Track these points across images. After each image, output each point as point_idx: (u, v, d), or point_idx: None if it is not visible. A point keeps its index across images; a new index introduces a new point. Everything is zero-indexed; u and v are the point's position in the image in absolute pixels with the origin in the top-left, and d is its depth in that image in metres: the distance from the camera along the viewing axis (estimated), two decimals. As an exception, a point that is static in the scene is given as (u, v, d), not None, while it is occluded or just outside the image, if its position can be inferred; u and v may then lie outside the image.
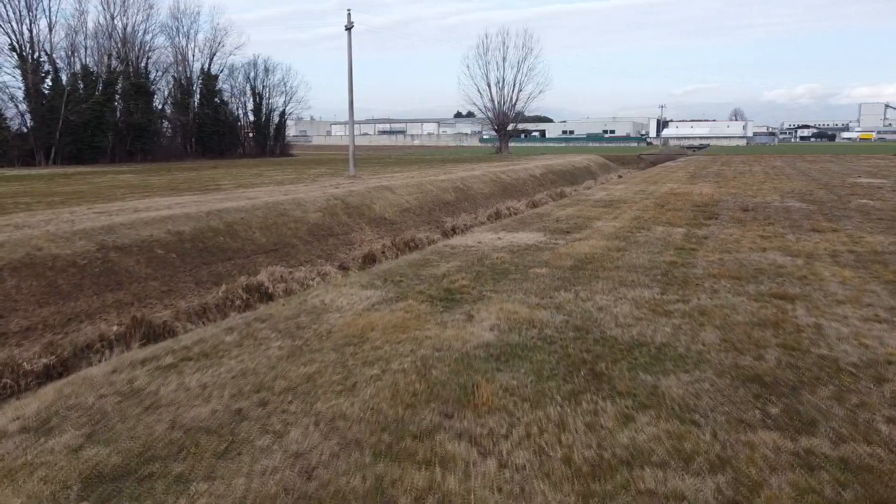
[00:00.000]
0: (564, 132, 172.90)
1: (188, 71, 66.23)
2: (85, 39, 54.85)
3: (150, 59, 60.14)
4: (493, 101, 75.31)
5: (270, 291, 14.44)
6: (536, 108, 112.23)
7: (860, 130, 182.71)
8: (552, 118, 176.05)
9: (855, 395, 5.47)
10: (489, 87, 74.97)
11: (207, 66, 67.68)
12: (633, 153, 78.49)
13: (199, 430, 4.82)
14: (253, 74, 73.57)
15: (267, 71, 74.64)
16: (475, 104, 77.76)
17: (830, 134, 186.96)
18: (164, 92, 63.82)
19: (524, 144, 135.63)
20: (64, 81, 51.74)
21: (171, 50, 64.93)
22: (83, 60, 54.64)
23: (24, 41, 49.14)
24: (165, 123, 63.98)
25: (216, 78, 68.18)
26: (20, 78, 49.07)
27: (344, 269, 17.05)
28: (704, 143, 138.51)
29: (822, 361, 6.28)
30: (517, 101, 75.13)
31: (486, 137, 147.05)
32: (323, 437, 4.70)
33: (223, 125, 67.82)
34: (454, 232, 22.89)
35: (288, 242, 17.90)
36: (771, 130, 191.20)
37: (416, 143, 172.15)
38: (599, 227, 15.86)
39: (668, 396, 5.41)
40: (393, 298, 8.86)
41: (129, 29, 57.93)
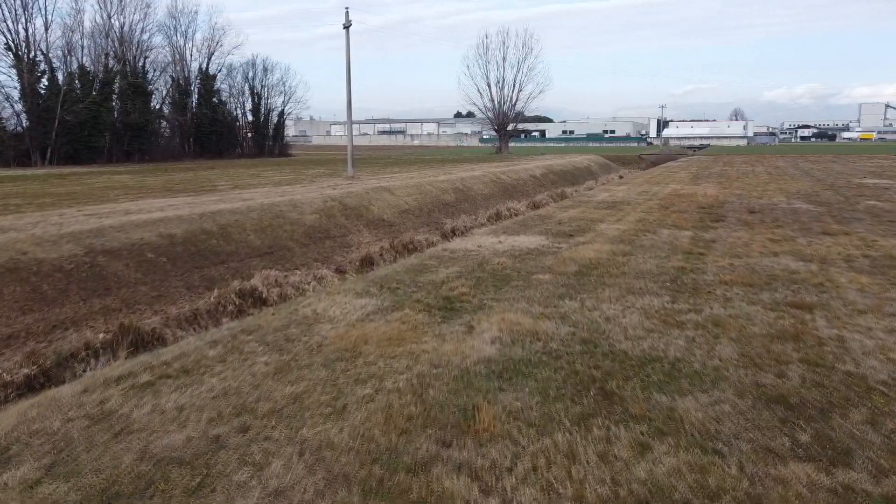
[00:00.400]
0: (564, 132, 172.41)
1: (186, 71, 65.76)
2: (81, 39, 54.39)
3: (147, 58, 59.69)
4: (493, 100, 74.91)
5: (264, 296, 13.99)
6: (536, 108, 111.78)
7: (860, 130, 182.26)
8: (552, 118, 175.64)
9: (890, 418, 5.01)
10: (489, 86, 74.58)
11: (205, 65, 67.25)
12: (633, 153, 78.01)
13: (171, 461, 4.37)
14: (251, 74, 73.17)
15: (265, 71, 74.26)
16: (475, 104, 77.37)
17: (831, 134, 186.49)
18: (161, 92, 63.37)
19: (524, 144, 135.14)
20: (60, 81, 51.26)
21: (168, 49, 64.50)
22: (80, 60, 54.18)
23: (19, 40, 48.68)
24: (164, 123, 63.49)
25: (214, 78, 67.68)
26: (16, 78, 48.60)
27: (341, 272, 16.60)
28: (705, 143, 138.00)
29: (849, 379, 5.83)
30: (517, 101, 74.74)
31: (486, 137, 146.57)
32: (308, 470, 4.25)
33: (221, 125, 67.31)
34: (454, 234, 22.44)
35: (283, 245, 17.42)
36: (771, 130, 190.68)
37: (415, 143, 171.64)
38: (603, 229, 15.40)
39: (686, 421, 4.96)
40: (389, 308, 8.40)
41: (126, 28, 57.49)
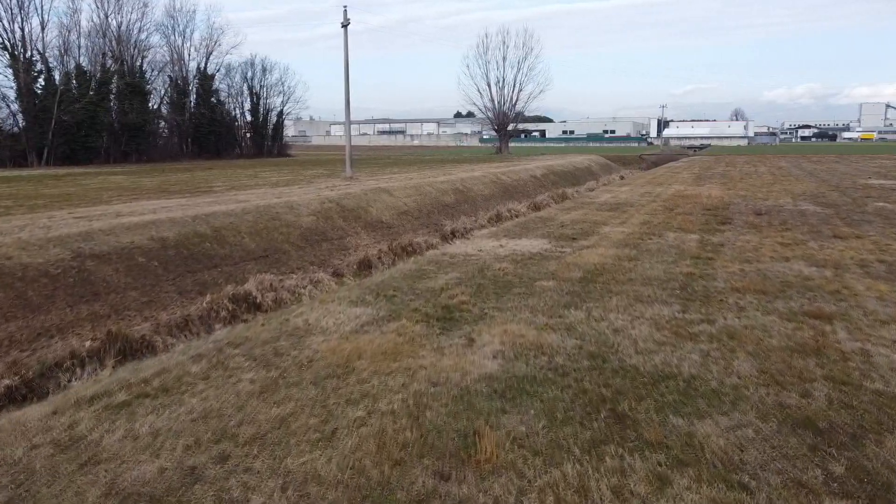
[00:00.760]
0: (564, 132, 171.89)
1: (184, 70, 65.27)
2: (78, 38, 53.93)
3: (145, 58, 59.23)
4: (493, 100, 74.35)
5: (259, 301, 13.56)
6: (537, 108, 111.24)
7: (861, 130, 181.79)
8: (552, 118, 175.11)
9: (929, 445, 4.60)
10: (489, 86, 74.02)
11: (203, 65, 66.76)
12: (634, 153, 77.54)
13: (140, 497, 3.95)
14: (250, 74, 72.61)
15: (264, 70, 73.67)
16: (475, 104, 76.79)
17: (831, 134, 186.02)
18: (159, 92, 62.92)
19: (524, 144, 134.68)
20: (57, 81, 50.82)
21: (166, 49, 64.03)
22: (77, 60, 53.75)
23: (15, 40, 48.24)
24: (162, 124, 63.05)
25: (212, 77, 67.16)
26: (12, 77, 48.18)
27: (338, 275, 16.17)
28: (705, 143, 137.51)
29: (879, 399, 5.41)
30: (517, 100, 74.13)
31: (485, 137, 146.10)
32: (290, 507, 3.84)
33: (220, 125, 66.81)
34: (453, 236, 22.02)
35: (279, 248, 16.98)
36: (772, 130, 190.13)
37: (415, 143, 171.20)
38: (607, 232, 14.97)
39: (707, 448, 4.54)
40: (385, 318, 7.97)
41: (123, 27, 57.02)
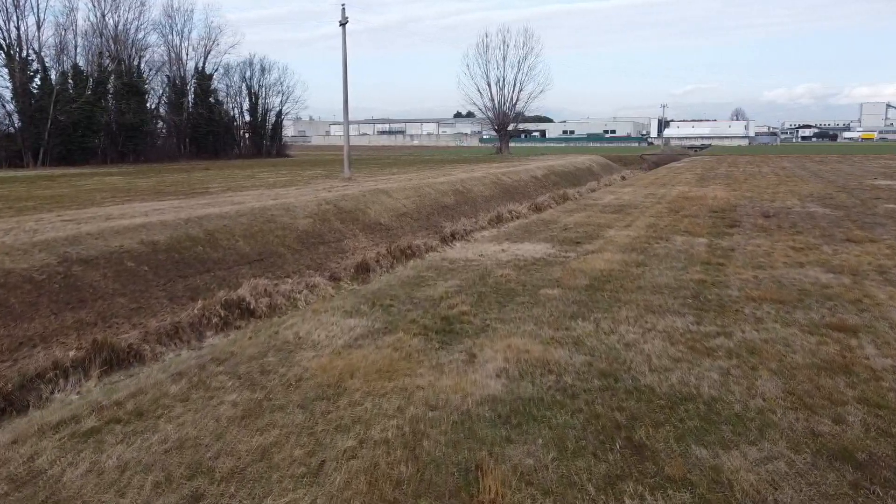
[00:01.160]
0: (565, 132, 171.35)
1: (182, 70, 64.75)
2: (75, 37, 53.45)
3: (142, 57, 58.73)
4: (493, 100, 73.76)
5: (252, 307, 13.09)
6: (537, 107, 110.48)
7: (861, 130, 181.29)
8: (552, 118, 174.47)
9: (983, 482, 4.12)
10: (489, 86, 73.45)
11: (202, 65, 66.26)
12: (634, 153, 77.04)
13: (97, 548, 3.48)
14: (249, 74, 72.07)
15: (263, 70, 73.14)
16: (475, 104, 76.20)
17: (832, 134, 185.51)
18: (157, 92, 62.42)
19: (524, 144, 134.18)
20: (53, 80, 50.32)
21: (164, 48, 63.53)
22: (73, 59, 53.25)
23: (11, 39, 47.75)
24: (160, 124, 62.56)
25: (211, 77, 66.63)
26: (7, 77, 47.70)
27: (335, 279, 15.71)
28: (706, 143, 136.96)
29: (920, 426, 4.93)
30: (517, 100, 73.55)
31: (486, 137, 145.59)
32: (268, 561, 3.36)
33: (218, 125, 66.27)
34: (453, 238, 21.54)
35: (274, 251, 16.49)
36: (772, 130, 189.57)
37: (415, 143, 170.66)
38: (612, 236, 14.49)
39: (737, 486, 4.06)
40: (380, 330, 7.49)
41: (120, 27, 56.52)
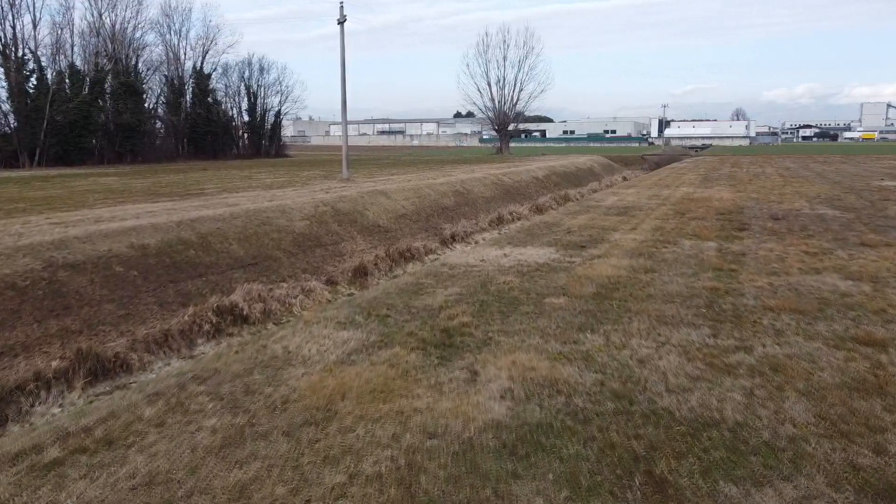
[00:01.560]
0: (565, 132, 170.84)
1: (180, 70, 64.27)
2: (71, 37, 52.97)
3: (139, 56, 58.25)
4: (493, 100, 73.17)
5: (245, 313, 12.64)
6: (538, 107, 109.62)
7: (862, 130, 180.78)
8: (552, 118, 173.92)
9: None
10: (489, 85, 72.87)
11: (200, 64, 65.78)
12: (635, 153, 76.60)
13: None
14: (247, 73, 71.57)
15: (262, 70, 72.65)
16: (475, 104, 75.61)
17: (832, 134, 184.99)
18: (155, 91, 61.94)
19: (525, 144, 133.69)
20: (49, 80, 49.85)
21: (162, 48, 63.06)
22: (70, 58, 52.77)
23: (7, 38, 47.29)
24: (158, 124, 62.10)
25: (209, 77, 66.13)
26: (3, 77, 47.23)
27: (332, 283, 15.27)
28: (707, 143, 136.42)
29: (970, 457, 4.46)
30: (518, 100, 73.00)
31: (486, 138, 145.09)
32: None
33: (216, 125, 65.77)
34: (453, 240, 21.09)
35: (269, 255, 16.00)
36: (773, 130, 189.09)
37: (415, 143, 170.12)
38: (618, 240, 14.00)
39: (775, 534, 3.60)
40: (376, 343, 7.02)
41: (117, 26, 56.04)
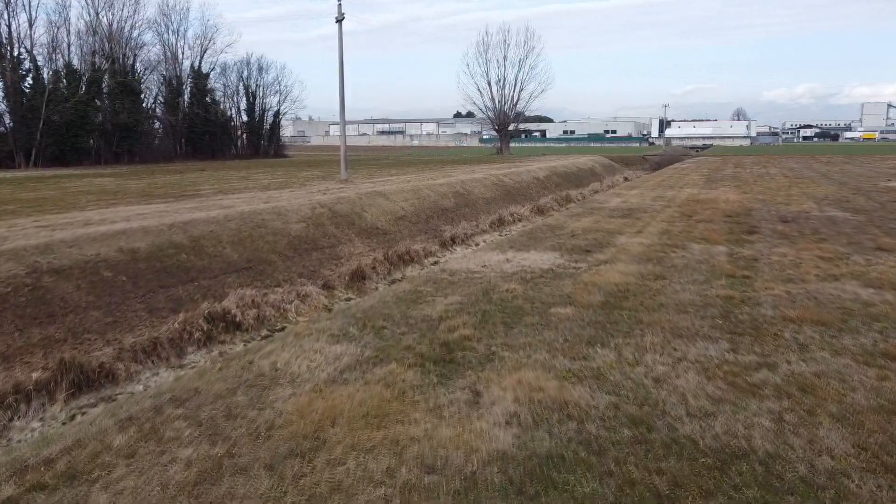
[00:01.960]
0: (565, 132, 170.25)
1: (178, 69, 63.73)
2: (68, 36, 52.47)
3: (136, 56, 57.75)
4: (493, 100, 72.60)
5: (238, 320, 12.18)
6: (538, 107, 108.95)
7: (863, 130, 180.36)
8: (553, 118, 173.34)
9: None
10: (489, 85, 72.30)
11: (198, 64, 65.26)
12: (636, 153, 76.08)
13: None
14: (246, 73, 71.00)
15: (260, 69, 72.12)
16: (475, 103, 75.01)
17: (833, 134, 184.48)
18: (152, 91, 61.42)
19: (525, 145, 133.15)
20: (45, 80, 49.34)
21: (159, 47, 62.55)
22: (66, 58, 52.28)
23: (2, 37, 46.79)
24: (157, 124, 61.59)
25: (207, 76, 65.59)
26: (-1, 76, 46.73)
27: (328, 287, 14.82)
28: (708, 143, 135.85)
29: None
30: (518, 100, 72.45)
31: (486, 138, 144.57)
32: None
33: (215, 125, 65.24)
34: (453, 242, 20.64)
35: (264, 259, 15.53)
36: (773, 130, 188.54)
37: (415, 143, 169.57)
38: (624, 244, 13.50)
39: None
40: (370, 360, 6.52)
41: (115, 25, 55.54)
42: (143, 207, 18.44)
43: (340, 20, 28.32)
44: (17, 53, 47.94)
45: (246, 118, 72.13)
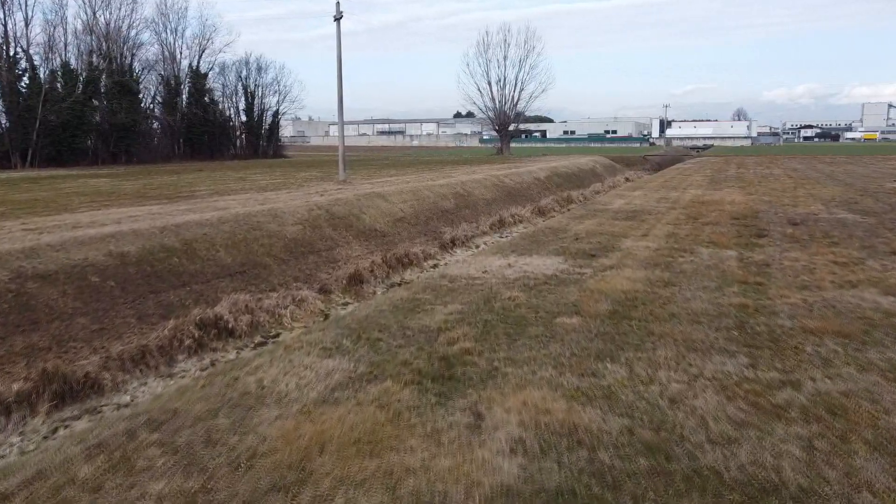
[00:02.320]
0: (566, 132, 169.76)
1: (176, 69, 63.28)
2: (65, 35, 52.04)
3: (134, 55, 57.32)
4: (493, 100, 72.10)
5: (231, 326, 11.76)
6: (538, 107, 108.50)
7: (863, 130, 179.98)
8: (553, 118, 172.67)
9: None
10: (490, 85, 71.81)
11: (196, 63, 64.82)
12: (637, 154, 75.64)
13: None
14: (245, 73, 70.50)
15: (259, 69, 71.64)
16: (475, 103, 74.50)
17: (834, 134, 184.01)
18: (150, 91, 60.98)
19: (525, 145, 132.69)
20: (42, 79, 48.91)
21: (157, 47, 62.11)
22: (63, 57, 51.83)
23: (-2, 36, 46.39)
24: (155, 124, 61.15)
25: (205, 76, 65.16)
26: (-6, 76, 46.28)
27: (325, 292, 14.40)
28: (709, 143, 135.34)
29: None
30: (518, 100, 71.95)
31: (486, 138, 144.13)
32: None
33: (213, 125, 64.78)
34: (453, 244, 20.24)
35: (259, 262, 15.10)
36: (774, 131, 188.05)
37: (415, 143, 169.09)
38: (630, 248, 13.06)
39: None
40: (364, 376, 6.08)
41: (112, 24, 55.10)
42: (135, 209, 18.02)
43: (339, 19, 27.89)
44: (13, 53, 47.55)
45: (245, 118, 71.66)
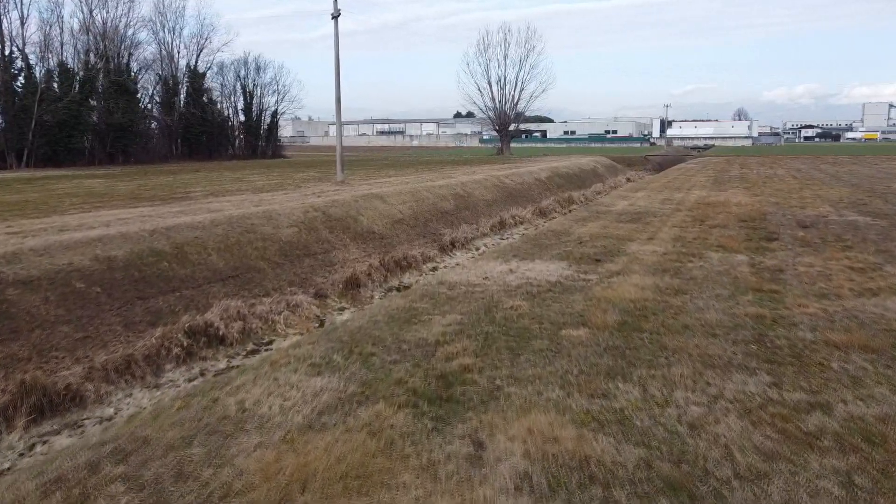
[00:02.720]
0: (566, 132, 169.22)
1: (173, 69, 62.77)
2: (61, 34, 51.56)
3: (131, 55, 56.82)
4: (493, 99, 71.68)
5: (222, 333, 11.31)
6: (539, 107, 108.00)
7: (864, 130, 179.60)
8: (553, 118, 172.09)
9: None
10: (490, 85, 71.37)
11: (194, 63, 64.30)
12: (637, 154, 75.15)
13: None
14: (243, 73, 70.02)
15: (258, 69, 71.13)
16: (475, 103, 74.11)
17: (835, 134, 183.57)
18: (148, 91, 60.47)
19: (525, 145, 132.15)
20: (38, 79, 48.43)
21: (155, 46, 61.61)
22: (60, 56, 51.34)
23: (-6, 36, 45.91)
24: (153, 124, 60.65)
25: (204, 76, 64.66)
26: (-10, 75, 45.82)
27: (320, 296, 13.94)
28: (709, 143, 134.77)
29: None
30: (519, 100, 71.49)
31: (486, 138, 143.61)
32: None
33: (211, 125, 64.26)
34: (453, 246, 19.77)
35: (252, 266, 14.62)
36: (775, 131, 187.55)
37: (415, 143, 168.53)
38: (636, 252, 12.56)
39: None
40: (354, 397, 5.59)
41: (109, 23, 54.60)
42: (127, 211, 17.54)
43: (336, 17, 27.42)
44: (8, 52, 47.09)
45: (243, 118, 71.16)
